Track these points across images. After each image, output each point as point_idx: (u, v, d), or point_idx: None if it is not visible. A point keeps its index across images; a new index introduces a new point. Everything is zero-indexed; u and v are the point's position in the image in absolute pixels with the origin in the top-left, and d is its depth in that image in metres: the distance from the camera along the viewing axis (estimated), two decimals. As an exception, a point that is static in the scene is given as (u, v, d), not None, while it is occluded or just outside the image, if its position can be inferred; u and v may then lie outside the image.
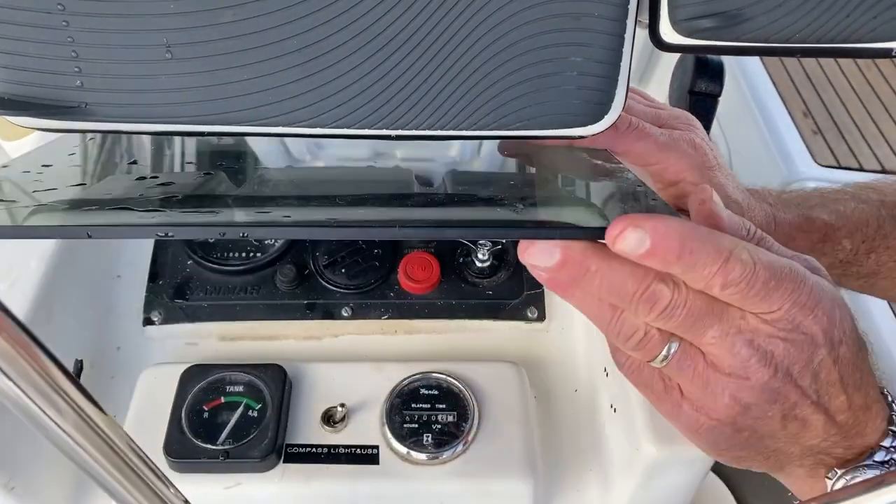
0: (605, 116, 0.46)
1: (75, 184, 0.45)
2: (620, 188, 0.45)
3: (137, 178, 0.47)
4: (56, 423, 0.29)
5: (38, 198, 0.40)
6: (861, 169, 1.35)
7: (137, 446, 0.30)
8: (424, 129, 0.45)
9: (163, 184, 0.46)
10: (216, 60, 0.42)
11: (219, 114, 0.44)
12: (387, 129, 0.45)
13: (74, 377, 0.28)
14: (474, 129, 0.45)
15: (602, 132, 0.47)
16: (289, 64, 0.43)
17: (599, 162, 0.49)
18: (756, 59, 1.54)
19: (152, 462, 0.31)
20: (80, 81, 0.41)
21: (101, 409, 0.29)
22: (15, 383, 0.27)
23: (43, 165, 0.47)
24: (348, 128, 0.44)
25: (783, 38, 0.43)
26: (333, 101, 0.43)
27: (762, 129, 1.38)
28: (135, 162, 0.51)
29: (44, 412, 0.28)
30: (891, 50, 0.43)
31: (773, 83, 1.48)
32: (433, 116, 0.43)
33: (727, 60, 1.58)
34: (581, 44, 0.42)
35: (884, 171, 1.35)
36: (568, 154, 0.53)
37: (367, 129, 0.44)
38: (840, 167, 1.35)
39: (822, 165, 1.33)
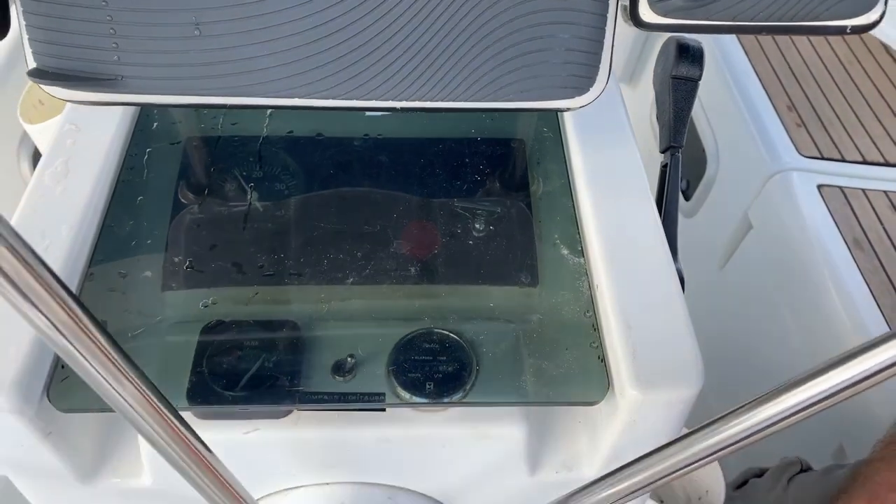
0: (591, 89, 0.51)
1: None
2: None
3: None
4: (93, 366, 0.33)
5: None
6: (843, 160, 1.39)
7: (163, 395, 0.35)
8: (428, 101, 0.49)
9: None
10: (239, 37, 0.46)
11: (241, 86, 0.48)
12: (393, 100, 0.49)
13: (104, 329, 0.32)
14: (474, 101, 0.50)
15: (589, 103, 0.51)
16: (305, 41, 0.47)
17: None
18: (742, 55, 1.59)
19: (174, 408, 0.36)
20: (118, 56, 0.46)
21: (130, 359, 0.33)
22: (56, 327, 0.31)
23: None
24: (359, 99, 0.48)
25: (749, 17, 0.47)
26: (345, 74, 0.47)
27: (748, 122, 1.43)
28: None
29: (82, 355, 0.32)
30: (845, 27, 0.48)
31: (759, 78, 1.53)
32: (436, 88, 0.48)
33: (716, 59, 1.63)
34: (568, 22, 0.47)
35: (865, 162, 1.40)
36: None
37: (376, 101, 0.49)
38: (823, 158, 1.40)
39: (805, 156, 1.37)
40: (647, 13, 0.49)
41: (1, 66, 1.45)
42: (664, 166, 0.72)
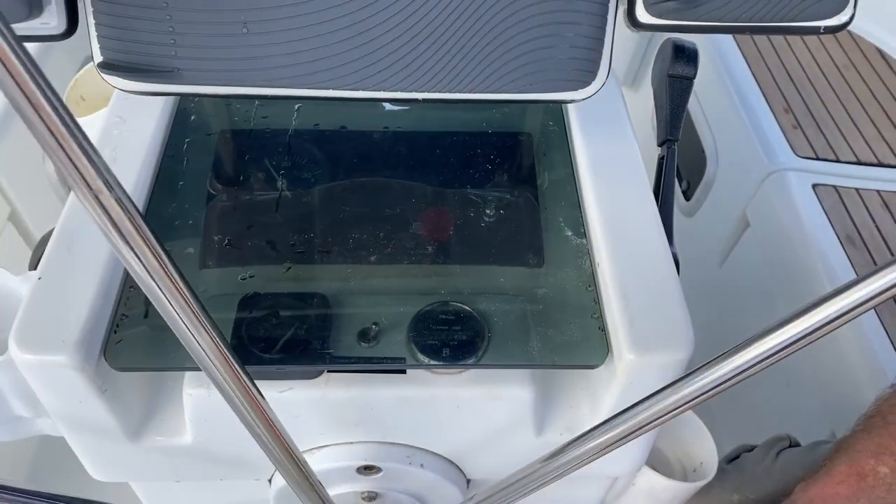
0: (592, 83, 0.57)
1: None
2: None
3: None
4: (176, 312, 0.39)
5: None
6: (837, 160, 1.45)
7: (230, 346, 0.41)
8: (449, 93, 0.55)
9: None
10: (280, 35, 0.53)
11: (281, 78, 0.54)
12: (418, 91, 0.55)
13: (188, 283, 0.38)
14: (490, 93, 0.56)
15: (591, 96, 0.57)
16: (338, 38, 0.54)
17: None
18: (741, 60, 1.65)
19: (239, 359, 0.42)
20: (175, 51, 0.52)
21: (206, 311, 0.40)
22: (149, 274, 0.37)
23: None
24: (387, 90, 0.55)
25: (733, 18, 0.54)
26: (375, 67, 0.54)
27: (746, 124, 1.49)
28: None
29: (168, 302, 0.38)
30: (819, 27, 0.54)
31: (757, 82, 1.60)
32: (456, 81, 0.54)
33: (716, 65, 1.69)
34: (573, 22, 0.53)
35: (858, 163, 1.45)
36: None
37: (403, 92, 0.55)
38: (818, 158, 1.46)
39: (801, 157, 1.43)
40: (642, 15, 0.55)
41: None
42: (661, 158, 0.78)
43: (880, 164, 1.44)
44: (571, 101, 0.57)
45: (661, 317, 0.60)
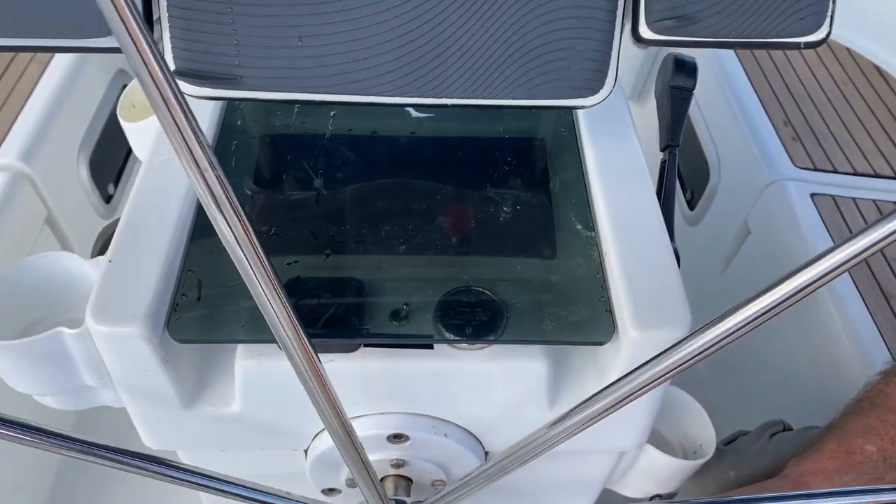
0: (601, 91, 0.65)
1: None
2: None
3: None
4: (258, 282, 0.47)
5: None
6: (834, 171, 1.52)
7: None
8: (475, 98, 0.64)
9: None
10: (331, 48, 0.62)
11: (330, 86, 0.63)
12: (448, 98, 0.63)
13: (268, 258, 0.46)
14: (508, 99, 0.64)
15: (599, 102, 0.66)
16: (379, 51, 0.62)
17: None
18: (743, 75, 1.73)
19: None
20: (238, 61, 0.61)
21: (280, 281, 0.47)
22: (238, 243, 0.45)
23: None
24: (421, 97, 0.63)
25: (725, 35, 0.62)
26: (410, 77, 0.63)
27: (747, 136, 1.57)
28: None
29: (252, 270, 0.46)
30: (799, 43, 0.62)
31: (758, 97, 1.68)
32: (481, 87, 0.62)
33: (719, 80, 1.78)
34: (584, 38, 0.61)
35: (855, 174, 1.53)
36: None
37: (434, 98, 0.63)
38: (816, 169, 1.53)
39: (800, 167, 1.51)
40: (645, 31, 0.63)
41: (63, 84, 1.62)
42: (663, 162, 0.86)
43: (876, 175, 1.52)
44: (582, 108, 0.65)
45: (660, 299, 0.68)
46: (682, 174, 1.82)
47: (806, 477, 0.79)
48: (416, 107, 0.71)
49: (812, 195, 1.47)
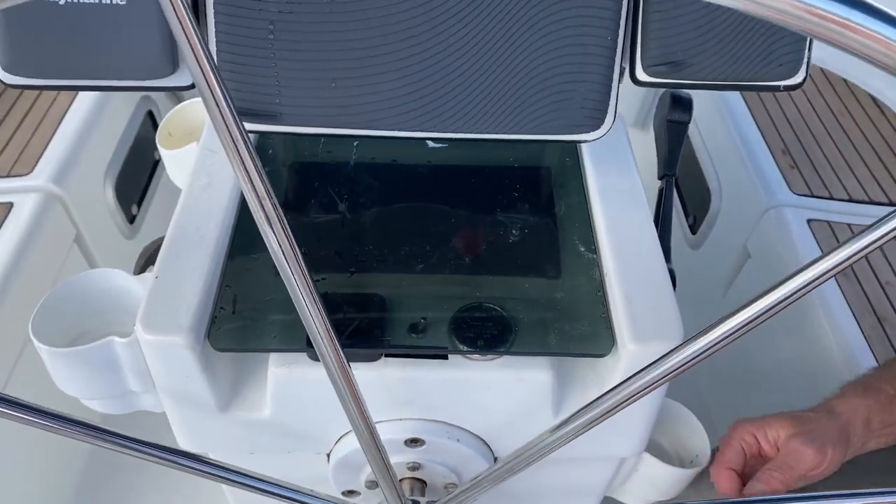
0: (601, 127, 0.73)
1: None
2: None
3: None
4: (300, 292, 0.54)
5: None
6: (831, 197, 1.60)
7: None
8: (488, 133, 0.72)
9: None
10: (360, 89, 0.70)
11: (360, 122, 0.71)
12: (463, 133, 0.71)
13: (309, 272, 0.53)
14: (518, 133, 0.72)
15: (600, 137, 0.73)
16: (403, 92, 0.70)
17: None
18: (744, 106, 1.81)
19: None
20: (279, 99, 0.69)
21: (319, 294, 0.54)
22: (283, 253, 0.52)
23: None
24: (439, 132, 0.71)
25: (712, 78, 0.70)
26: (428, 115, 0.71)
27: (746, 163, 1.65)
28: None
29: (296, 281, 0.53)
30: (779, 86, 0.70)
31: (758, 126, 1.76)
32: (494, 124, 0.70)
33: (720, 109, 1.87)
34: (585, 80, 0.69)
35: (851, 200, 1.60)
36: None
37: (452, 133, 0.71)
38: (813, 196, 1.60)
39: (797, 194, 1.58)
40: (641, 74, 0.71)
41: (92, 110, 1.71)
42: (661, 190, 0.94)
43: (871, 202, 1.59)
44: (584, 142, 0.73)
45: (656, 315, 0.75)
46: (685, 199, 1.90)
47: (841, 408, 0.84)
48: (436, 140, 0.79)
49: (809, 221, 1.53)
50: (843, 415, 0.82)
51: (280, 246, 0.50)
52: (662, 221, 0.94)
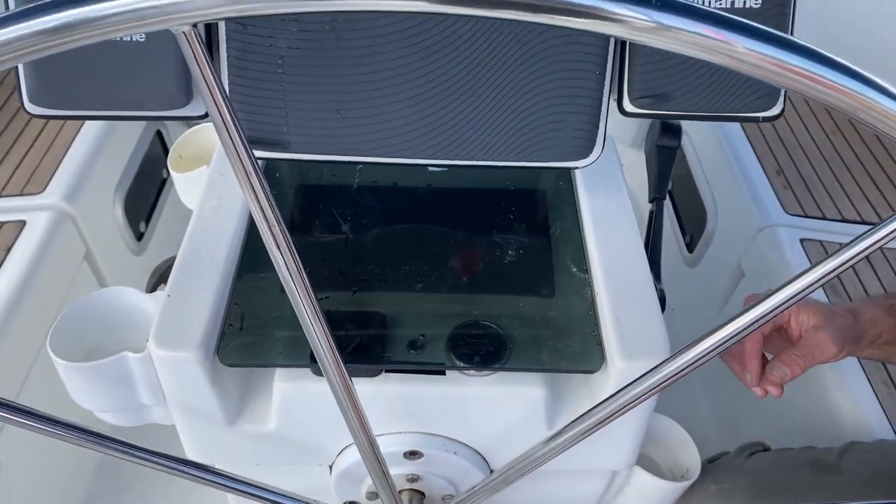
0: (591, 155, 0.77)
1: None
2: None
3: None
4: (304, 308, 0.58)
5: None
6: (823, 217, 1.63)
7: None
8: (484, 160, 0.76)
9: None
10: (364, 120, 0.74)
11: (363, 150, 0.75)
12: (460, 160, 0.76)
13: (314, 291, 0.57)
14: (514, 161, 0.76)
15: (590, 164, 0.78)
16: (401, 123, 0.75)
17: None
18: (739, 128, 1.86)
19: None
20: (287, 129, 0.73)
21: (323, 311, 0.58)
22: (289, 272, 0.56)
23: None
24: (440, 159, 0.76)
25: (694, 110, 0.75)
26: (429, 143, 0.75)
27: (741, 184, 1.69)
28: None
29: (300, 299, 0.57)
30: (758, 117, 0.75)
31: (752, 147, 1.80)
32: (491, 152, 0.75)
33: (716, 131, 1.91)
34: (574, 112, 0.74)
35: (843, 220, 1.64)
36: None
37: (450, 160, 0.76)
38: (806, 216, 1.64)
39: (791, 214, 1.62)
40: (628, 106, 0.76)
41: (102, 131, 1.76)
42: (651, 212, 0.98)
43: (862, 222, 1.62)
44: (575, 168, 0.77)
45: (644, 333, 0.79)
46: (682, 218, 1.94)
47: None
48: (436, 166, 0.84)
49: (802, 240, 1.57)
50: (864, 322, 0.88)
51: (287, 266, 0.54)
52: (652, 243, 0.98)
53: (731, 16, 0.36)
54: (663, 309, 0.90)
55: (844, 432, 1.30)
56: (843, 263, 0.51)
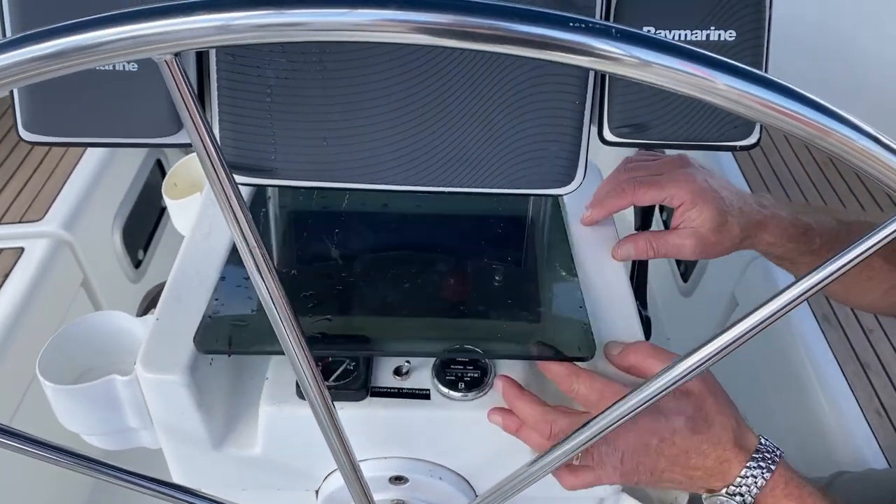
0: (572, 182, 0.79)
1: None
2: None
3: None
4: (286, 333, 0.58)
5: None
6: (815, 245, 1.64)
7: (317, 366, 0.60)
8: (469, 188, 0.77)
9: None
10: (348, 148, 0.76)
11: (348, 176, 0.77)
12: (445, 187, 0.77)
13: (295, 315, 0.58)
14: (498, 188, 0.78)
15: (572, 192, 0.79)
16: (386, 150, 0.76)
17: None
18: (731, 159, 1.88)
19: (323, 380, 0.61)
20: (274, 156, 0.75)
21: (305, 336, 0.59)
22: (272, 299, 0.57)
23: None
24: (425, 186, 0.77)
25: (672, 139, 0.76)
26: (417, 170, 0.77)
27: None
28: None
29: (284, 327, 0.58)
30: (735, 146, 0.76)
31: (744, 175, 1.82)
32: (476, 179, 0.76)
33: (708, 164, 1.94)
34: (555, 140, 0.75)
35: (835, 250, 1.65)
36: None
37: (435, 187, 0.77)
38: (797, 243, 1.65)
39: (783, 242, 1.63)
40: (608, 135, 0.78)
41: (102, 159, 1.78)
42: (638, 240, 0.99)
43: (854, 252, 1.64)
44: (557, 195, 0.79)
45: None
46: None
47: None
48: (422, 193, 0.85)
49: None
50: (762, 221, 0.91)
51: (268, 291, 0.55)
52: (638, 271, 0.99)
53: (712, 54, 0.38)
54: (648, 336, 0.90)
55: (835, 462, 1.29)
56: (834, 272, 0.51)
